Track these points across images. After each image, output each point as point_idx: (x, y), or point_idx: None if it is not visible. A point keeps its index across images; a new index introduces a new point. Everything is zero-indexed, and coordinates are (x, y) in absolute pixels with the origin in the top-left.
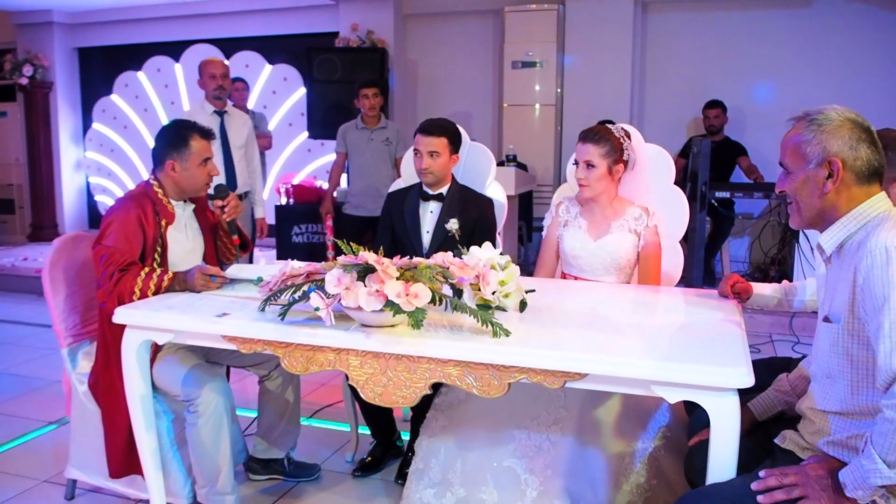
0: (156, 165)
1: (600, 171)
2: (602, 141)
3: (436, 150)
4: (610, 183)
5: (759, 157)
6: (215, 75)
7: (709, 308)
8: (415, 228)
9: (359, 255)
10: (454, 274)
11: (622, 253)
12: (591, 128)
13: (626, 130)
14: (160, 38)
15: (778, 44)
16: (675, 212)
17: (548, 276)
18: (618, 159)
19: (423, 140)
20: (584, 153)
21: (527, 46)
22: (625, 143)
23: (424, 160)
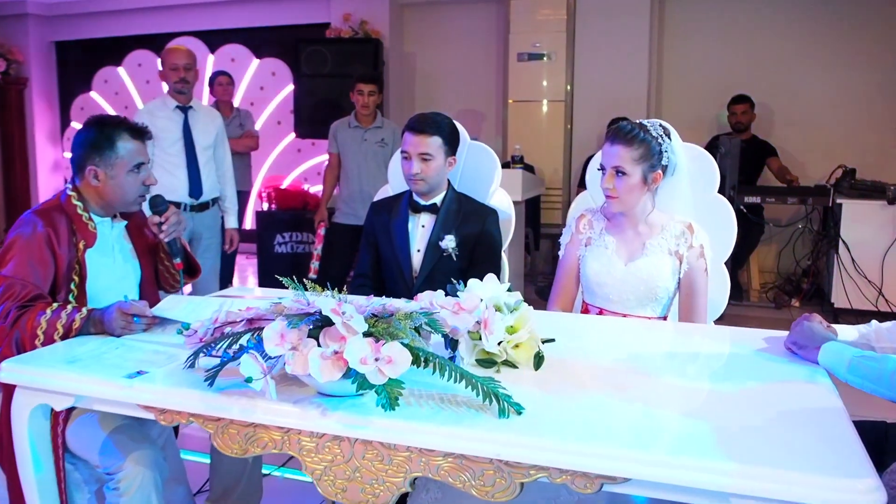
0: (74, 172)
1: (633, 179)
2: (636, 142)
3: (428, 152)
4: (645, 194)
5: (789, 158)
6: (177, 66)
7: (786, 365)
8: (403, 246)
9: (311, 300)
10: (446, 323)
11: (659, 280)
12: (623, 124)
13: (664, 127)
14: (141, 31)
15: (809, 33)
16: (719, 226)
17: (566, 308)
18: (655, 164)
19: (413, 140)
20: (614, 157)
21: (534, 37)
22: (664, 145)
23: (414, 164)
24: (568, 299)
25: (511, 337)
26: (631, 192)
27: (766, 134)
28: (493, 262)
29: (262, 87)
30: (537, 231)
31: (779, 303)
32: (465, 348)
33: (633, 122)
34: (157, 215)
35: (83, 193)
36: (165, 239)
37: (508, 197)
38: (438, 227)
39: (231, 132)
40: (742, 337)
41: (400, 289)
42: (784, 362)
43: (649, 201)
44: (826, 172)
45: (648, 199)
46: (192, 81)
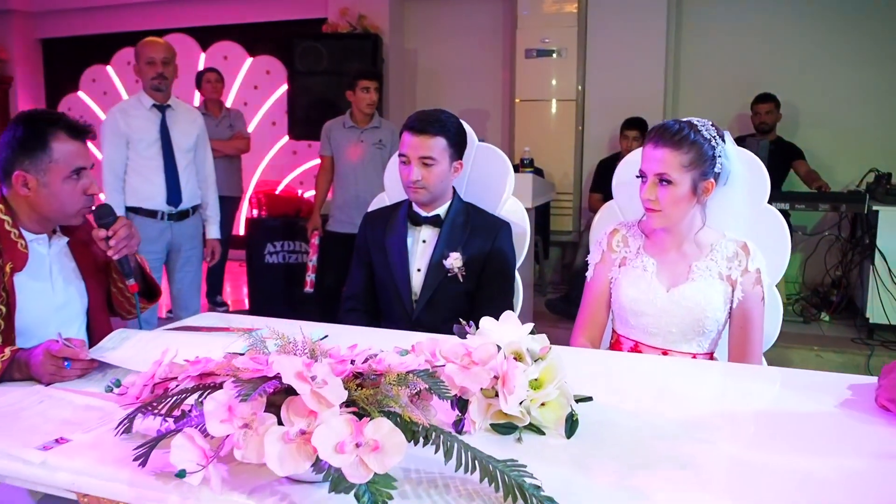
0: (0, 180)
1: (681, 189)
2: (686, 144)
3: (430, 155)
4: (693, 207)
5: (816, 161)
6: (154, 60)
7: (885, 429)
8: (401, 265)
9: (270, 358)
10: (453, 382)
11: (708, 310)
12: (669, 123)
13: (717, 128)
14: (130, 28)
15: (837, 26)
16: (772, 243)
17: (594, 339)
18: (707, 172)
19: (413, 141)
20: (658, 162)
21: (543, 32)
22: (718, 148)
23: (414, 170)
24: (597, 329)
25: (536, 395)
26: (677, 205)
27: (791, 135)
28: (504, 285)
29: (257, 86)
30: (546, 239)
31: (807, 316)
32: (478, 410)
33: (681, 121)
34: (104, 228)
35: (11, 205)
36: (115, 256)
37: (522, 206)
38: (442, 243)
39: (220, 133)
40: (813, 383)
41: (397, 313)
42: (882, 425)
43: (698, 215)
44: (856, 176)
45: (697, 213)
46: (171, 78)
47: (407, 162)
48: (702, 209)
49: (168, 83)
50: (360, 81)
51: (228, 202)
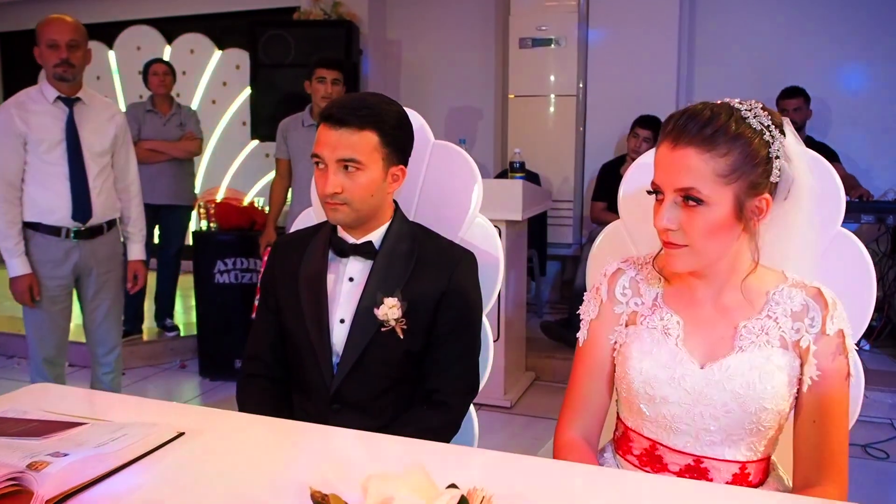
0: None
1: (718, 212)
2: (723, 139)
3: (353, 157)
4: (739, 238)
5: (850, 165)
6: (57, 43)
7: None
8: (316, 313)
9: None
10: None
11: (767, 397)
12: (696, 108)
13: (770, 111)
14: (91, 20)
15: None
16: (848, 283)
17: (590, 434)
18: (759, 182)
19: (330, 137)
20: (679, 170)
21: (539, 19)
22: (775, 145)
23: (331, 178)
24: (593, 418)
25: None
26: (712, 236)
27: (821, 135)
28: (466, 340)
29: (225, 82)
30: (543, 253)
31: None
32: None
33: (715, 105)
34: None
35: None
36: None
37: (491, 228)
38: (374, 283)
39: (168, 133)
40: None
41: (312, 383)
42: None
43: (747, 251)
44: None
45: (745, 248)
46: (80, 65)
47: (322, 167)
48: (753, 240)
49: (76, 71)
50: (316, 70)
51: (179, 212)
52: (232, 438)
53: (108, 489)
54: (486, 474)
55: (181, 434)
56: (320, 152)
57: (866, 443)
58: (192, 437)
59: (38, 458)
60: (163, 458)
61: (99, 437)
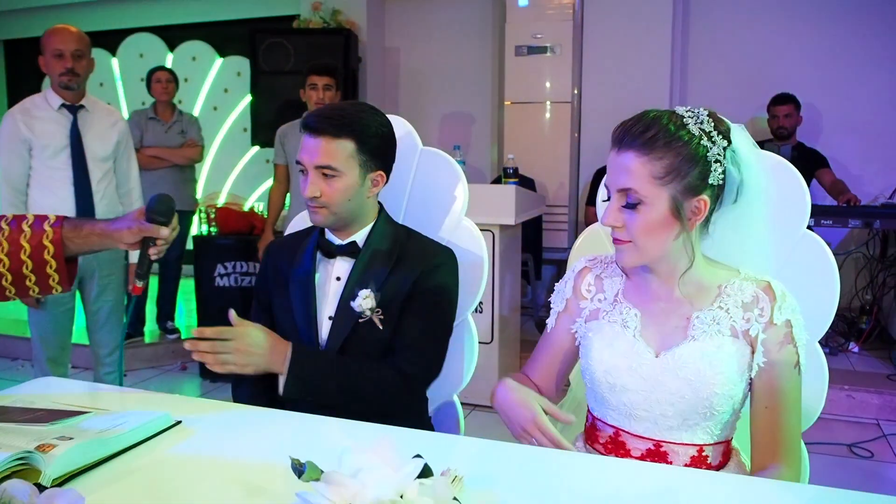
0: None
1: (655, 212)
2: (660, 144)
3: (330, 164)
4: (680, 236)
5: (841, 171)
6: (62, 52)
7: None
8: (304, 310)
9: None
10: None
11: (718, 382)
12: (641, 117)
13: (716, 118)
14: (94, 27)
15: (864, 22)
16: (812, 283)
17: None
18: (697, 184)
19: (310, 145)
20: (620, 172)
21: (535, 27)
22: (714, 149)
23: (311, 183)
24: (549, 373)
25: None
26: (651, 234)
27: (812, 141)
28: (433, 324)
29: (227, 89)
30: (538, 257)
31: (833, 347)
32: None
33: (660, 112)
34: (163, 225)
35: None
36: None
37: (476, 230)
38: (354, 279)
39: (170, 140)
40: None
41: None
42: None
43: (686, 247)
44: (887, 187)
45: (685, 244)
46: (84, 74)
47: (304, 172)
48: (691, 238)
49: (80, 80)
50: (308, 77)
51: (180, 217)
52: (227, 427)
53: (109, 471)
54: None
55: (179, 422)
56: (301, 159)
57: (852, 442)
58: (189, 426)
59: (45, 441)
60: (161, 444)
61: (102, 424)
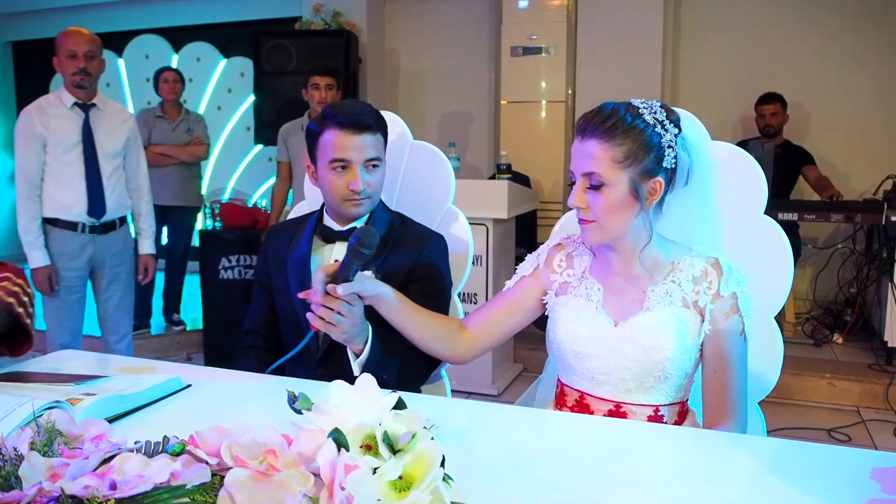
0: None
1: (617, 192)
2: (619, 131)
3: (378, 156)
4: (638, 215)
5: (828, 167)
6: (76, 53)
7: None
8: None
9: None
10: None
11: (669, 348)
12: (600, 108)
13: (668, 109)
14: (101, 29)
15: (851, 24)
16: (768, 263)
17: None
18: (652, 167)
19: (355, 142)
20: (584, 158)
21: (530, 28)
22: (667, 136)
23: (360, 176)
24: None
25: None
26: (614, 213)
27: (800, 139)
28: (439, 299)
29: (231, 89)
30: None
31: (818, 338)
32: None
33: (618, 104)
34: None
35: None
36: None
37: (463, 219)
38: None
39: (177, 138)
40: (826, 465)
41: (302, 352)
42: None
43: (643, 225)
44: (873, 184)
45: (643, 223)
46: (96, 73)
47: (348, 166)
48: (649, 217)
49: (92, 79)
50: (310, 78)
51: (185, 212)
52: (232, 390)
53: (126, 425)
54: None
55: (189, 385)
56: (348, 156)
57: (831, 427)
58: (197, 388)
59: (72, 396)
60: (172, 404)
61: (120, 384)
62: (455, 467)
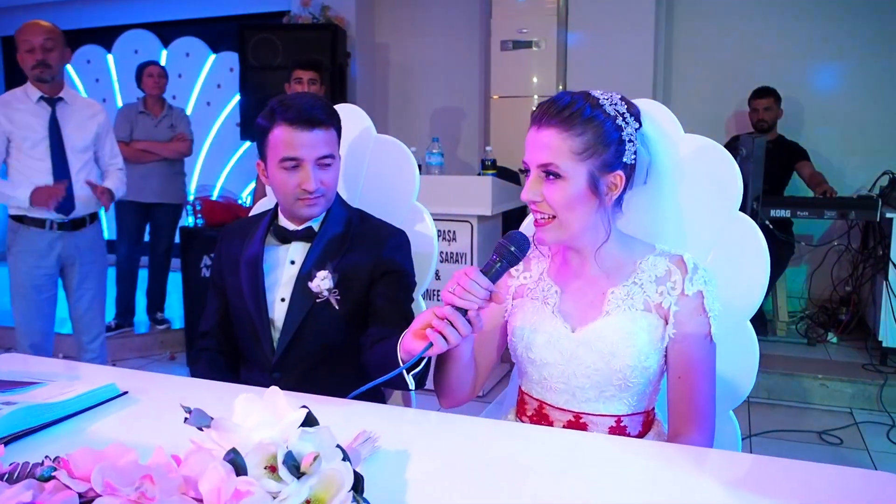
0: None
1: (574, 186)
2: (577, 122)
3: (331, 153)
4: (597, 211)
5: (822, 163)
6: (33, 47)
7: None
8: (255, 292)
9: None
10: None
11: (630, 355)
12: (558, 97)
13: (628, 102)
14: (90, 24)
15: (846, 17)
16: (742, 263)
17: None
18: (612, 161)
19: (307, 138)
20: (540, 148)
21: (519, 21)
22: (627, 130)
23: (314, 175)
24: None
25: None
26: (571, 208)
27: (794, 134)
28: (399, 308)
29: (220, 84)
30: None
31: (812, 338)
32: None
33: (576, 93)
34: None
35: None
36: None
37: (427, 216)
38: (310, 261)
39: (160, 134)
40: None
41: (257, 355)
42: None
43: (601, 223)
44: (868, 180)
45: (601, 220)
46: (57, 65)
47: (300, 166)
48: (608, 214)
49: (53, 71)
50: (294, 72)
51: (168, 210)
52: (172, 398)
53: (50, 436)
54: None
55: (125, 393)
56: (299, 154)
57: (823, 430)
58: (134, 396)
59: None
60: (105, 412)
61: (49, 392)
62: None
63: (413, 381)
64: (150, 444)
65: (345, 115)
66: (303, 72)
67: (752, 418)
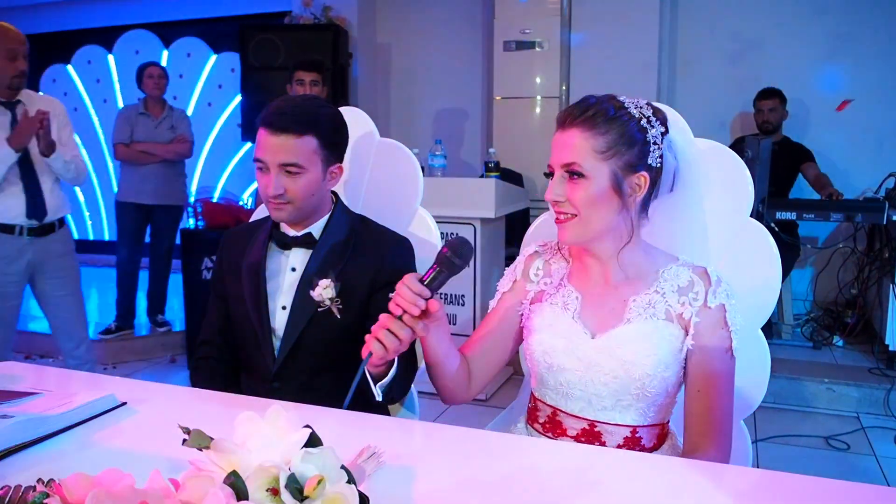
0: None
1: (597, 185)
2: (601, 121)
3: (295, 161)
4: (619, 212)
5: (828, 165)
6: (16, 54)
7: None
8: (256, 301)
9: None
10: None
11: (650, 364)
12: (582, 99)
13: (654, 107)
14: (90, 24)
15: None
16: (754, 271)
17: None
18: (636, 162)
19: (272, 142)
20: (564, 148)
21: (522, 22)
22: (651, 132)
23: (274, 180)
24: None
25: None
26: (594, 208)
27: (799, 136)
28: None
29: (221, 85)
30: None
31: (817, 341)
32: None
33: (601, 96)
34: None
35: None
36: None
37: (431, 221)
38: (312, 269)
39: (160, 136)
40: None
41: (258, 364)
42: None
43: (625, 226)
44: (874, 182)
45: (624, 223)
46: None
47: (265, 170)
48: (632, 217)
49: (20, 81)
50: (295, 73)
51: (170, 211)
52: (170, 409)
53: (48, 449)
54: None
55: (123, 403)
56: (263, 157)
57: (829, 434)
58: (133, 407)
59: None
60: (104, 424)
61: (46, 404)
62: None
63: (380, 392)
64: (148, 458)
65: (347, 119)
66: (304, 73)
67: (757, 423)
